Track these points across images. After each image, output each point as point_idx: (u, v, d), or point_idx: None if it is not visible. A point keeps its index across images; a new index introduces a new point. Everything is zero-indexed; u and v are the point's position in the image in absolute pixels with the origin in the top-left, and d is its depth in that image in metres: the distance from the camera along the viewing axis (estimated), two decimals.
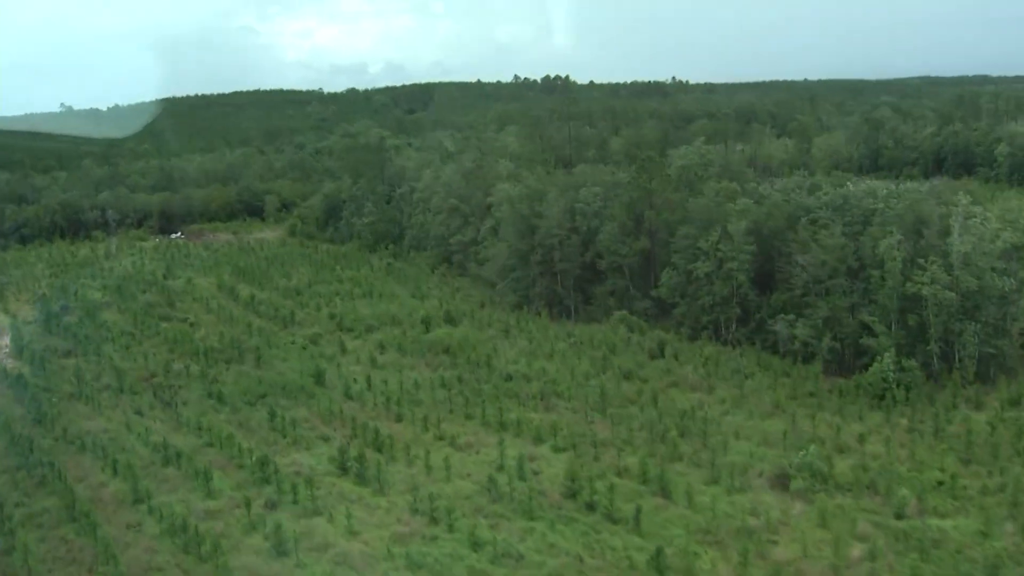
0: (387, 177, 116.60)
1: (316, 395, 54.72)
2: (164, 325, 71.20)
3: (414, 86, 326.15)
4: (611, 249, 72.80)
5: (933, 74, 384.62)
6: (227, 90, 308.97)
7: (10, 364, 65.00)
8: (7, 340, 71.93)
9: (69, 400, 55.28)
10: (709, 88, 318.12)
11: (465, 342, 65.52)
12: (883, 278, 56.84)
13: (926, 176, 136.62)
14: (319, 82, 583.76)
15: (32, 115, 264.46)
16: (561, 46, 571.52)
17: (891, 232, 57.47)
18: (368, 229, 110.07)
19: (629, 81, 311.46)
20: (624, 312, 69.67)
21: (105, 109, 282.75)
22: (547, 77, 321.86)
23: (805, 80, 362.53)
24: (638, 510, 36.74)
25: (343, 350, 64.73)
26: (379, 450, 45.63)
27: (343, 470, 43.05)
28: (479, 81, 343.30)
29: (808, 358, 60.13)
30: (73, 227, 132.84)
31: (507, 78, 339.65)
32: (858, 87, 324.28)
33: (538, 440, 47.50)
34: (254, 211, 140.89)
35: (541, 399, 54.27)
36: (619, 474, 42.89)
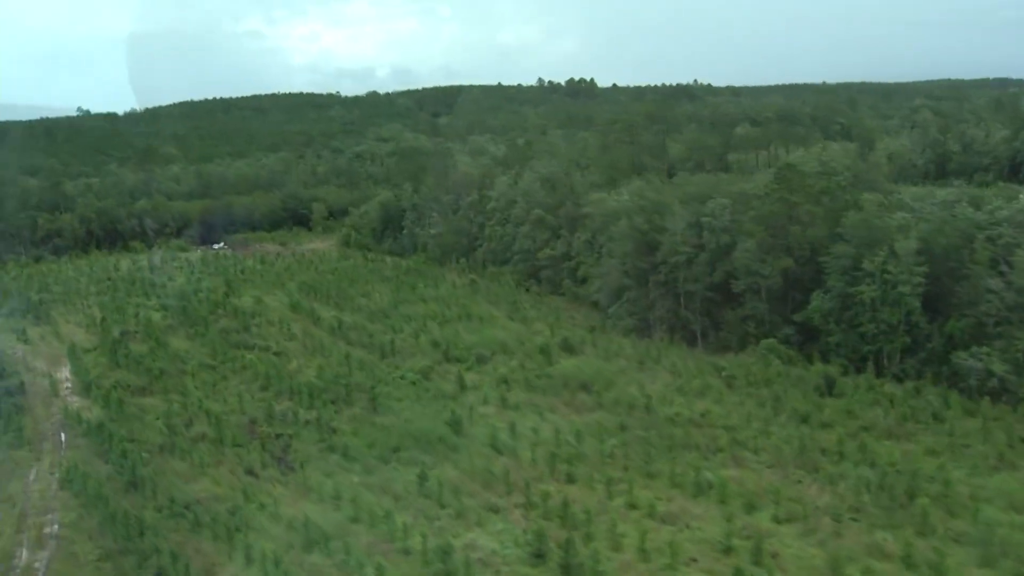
0: (451, 185, 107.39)
1: (457, 447, 45.53)
2: (247, 356, 61.87)
3: (436, 89, 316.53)
4: (749, 269, 63.69)
5: (952, 76, 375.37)
6: (235, 94, 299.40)
7: (76, 403, 55.73)
8: (67, 372, 62.63)
9: (161, 454, 46.02)
10: (734, 91, 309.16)
11: (600, 377, 56.38)
12: None
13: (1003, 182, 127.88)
14: (325, 86, 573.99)
15: (47, 118, 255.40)
16: (568, 49, 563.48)
17: None
18: (435, 241, 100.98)
19: (656, 84, 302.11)
20: (771, 340, 60.50)
21: (122, 113, 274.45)
22: (571, 80, 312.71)
23: (824, 83, 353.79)
24: None
25: (462, 386, 55.49)
26: (567, 524, 36.47)
27: (538, 556, 33.86)
28: (500, 84, 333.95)
29: (1003, 396, 51.29)
30: (109, 237, 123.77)
31: (514, 81, 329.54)
32: (883, 90, 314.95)
33: (750, 507, 38.41)
34: (299, 219, 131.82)
35: (722, 450, 45.29)
36: (874, 556, 33.94)
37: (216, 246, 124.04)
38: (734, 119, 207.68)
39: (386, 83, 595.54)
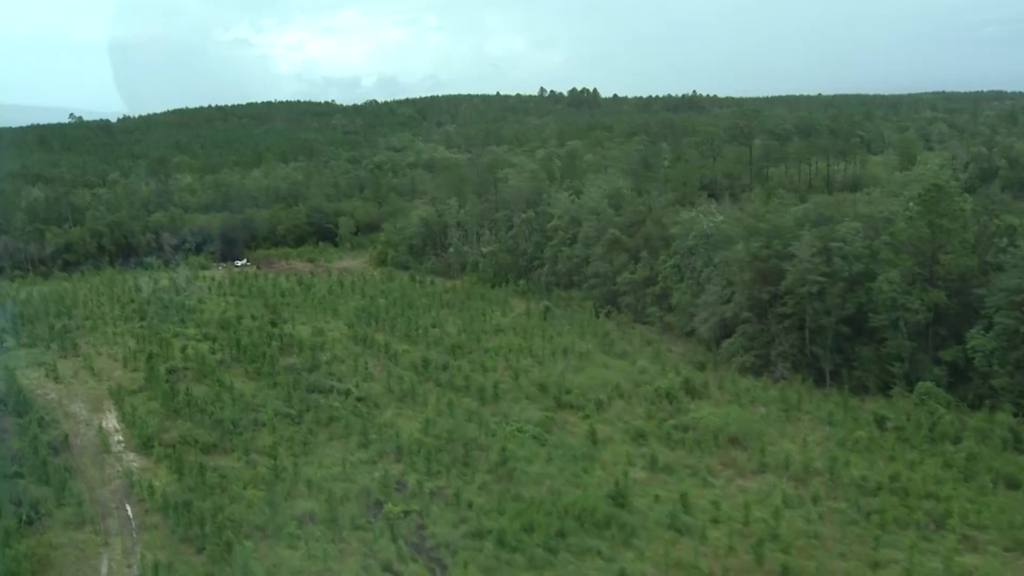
0: (500, 200, 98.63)
1: (630, 529, 36.71)
2: (331, 403, 52.52)
3: (436, 98, 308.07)
4: (893, 302, 55.51)
5: (947, 89, 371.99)
6: (222, 102, 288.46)
7: (135, 463, 46.24)
8: (114, 420, 52.94)
9: (263, 538, 36.74)
10: (737, 102, 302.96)
11: (746, 429, 47.94)
12: None
13: None
14: (312, 94, 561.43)
15: (39, 125, 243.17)
16: (555, 60, 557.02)
17: None
18: (487, 260, 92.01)
19: (660, 95, 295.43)
20: (928, 384, 52.30)
21: (115, 120, 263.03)
22: (573, 90, 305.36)
23: (820, 95, 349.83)
24: None
25: (593, 441, 46.71)
26: None
27: None
28: (499, 94, 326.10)
29: None
30: (122, 252, 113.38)
31: (504, 90, 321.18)
32: (882, 102, 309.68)
33: None
34: (323, 234, 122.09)
35: (942, 528, 37.18)
36: None
37: (239, 263, 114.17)
38: (749, 131, 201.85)
39: (372, 92, 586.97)
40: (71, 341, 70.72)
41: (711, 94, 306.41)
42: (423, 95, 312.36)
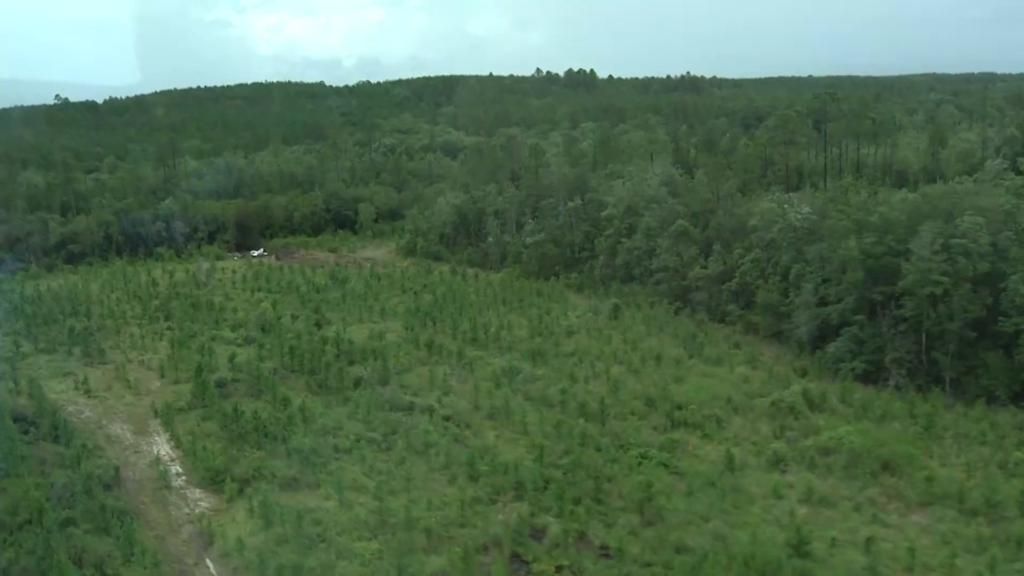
0: (544, 187, 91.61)
1: None
2: (416, 423, 45.63)
3: (432, 78, 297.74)
4: None
5: (936, 71, 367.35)
6: (204, 83, 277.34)
7: (206, 503, 39.29)
8: (166, 445, 45.80)
9: None
10: (734, 84, 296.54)
11: (892, 451, 41.75)
12: None
13: None
14: (292, 75, 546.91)
15: (23, 107, 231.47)
16: (536, 40, 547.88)
17: None
18: (533, 252, 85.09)
19: (660, 76, 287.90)
20: None
21: (101, 102, 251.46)
22: (570, 71, 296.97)
23: (811, 76, 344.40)
24: None
25: (730, 468, 40.40)
26: None
27: None
28: (492, 75, 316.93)
29: None
30: (131, 243, 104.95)
31: (492, 72, 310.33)
32: (875, 83, 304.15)
33: None
34: (341, 222, 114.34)
35: None
36: None
37: (255, 253, 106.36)
38: (760, 113, 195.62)
39: (353, 73, 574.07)
40: (96, 346, 63.09)
41: (702, 75, 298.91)
42: (417, 75, 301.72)
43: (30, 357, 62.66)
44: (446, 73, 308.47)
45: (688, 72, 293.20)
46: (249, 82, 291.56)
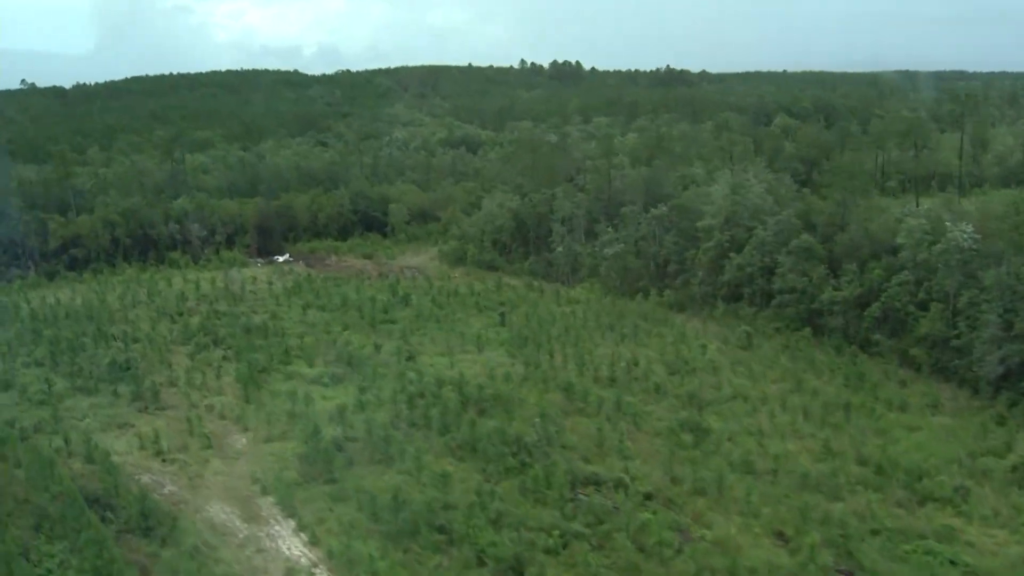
0: (616, 190, 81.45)
1: None
2: (609, 505, 35.17)
3: (413, 68, 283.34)
4: None
5: (909, 68, 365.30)
6: (164, 71, 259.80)
7: None
8: (295, 541, 34.43)
9: None
10: (721, 79, 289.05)
11: None
12: None
13: None
14: (250, 63, 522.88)
15: None
16: (498, 33, 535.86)
17: None
18: (613, 264, 74.93)
19: (647, 69, 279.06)
20: None
21: (69, 87, 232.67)
22: (555, 63, 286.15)
23: (785, 72, 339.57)
24: None
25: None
26: None
27: None
28: (471, 65, 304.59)
29: None
30: (139, 246, 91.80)
31: (442, 62, 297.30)
32: (860, 80, 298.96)
33: None
34: (369, 224, 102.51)
35: None
36: None
37: (281, 259, 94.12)
38: (767, 109, 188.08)
39: (312, 63, 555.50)
40: (149, 386, 50.91)
41: (687, 68, 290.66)
42: (399, 65, 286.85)
43: (67, 399, 50.33)
44: (424, 63, 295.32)
45: (668, 65, 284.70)
46: (224, 69, 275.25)
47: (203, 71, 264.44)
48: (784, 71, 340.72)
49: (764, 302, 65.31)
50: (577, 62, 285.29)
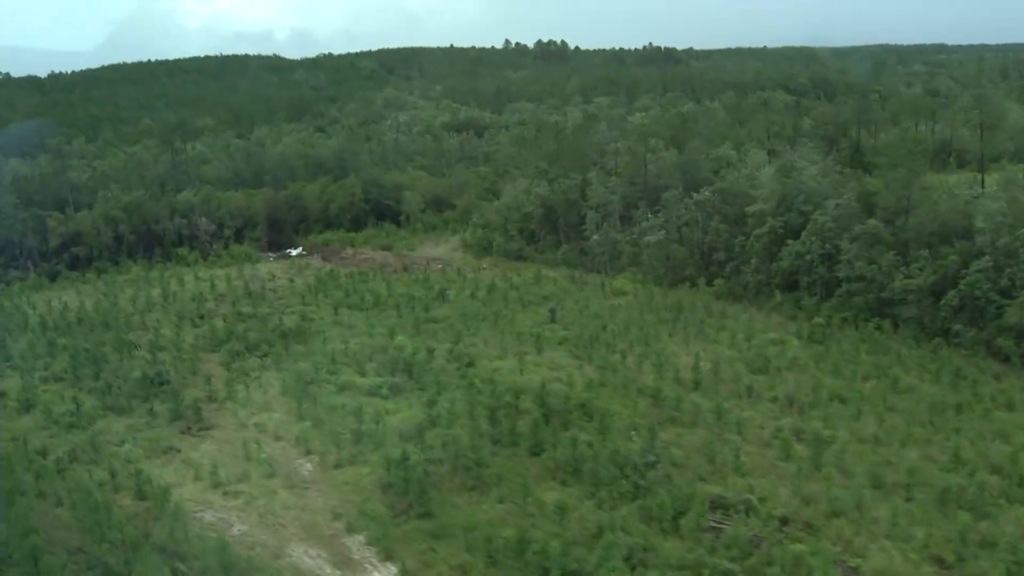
0: (651, 174, 76.97)
1: None
2: (794, 551, 30.76)
3: (395, 50, 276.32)
4: None
5: (889, 43, 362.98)
6: (135, 58, 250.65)
7: None
8: None
9: None
10: (706, 55, 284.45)
11: None
12: None
13: None
14: (223, 48, 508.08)
15: None
16: (470, 15, 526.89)
17: None
18: (655, 253, 70.65)
19: (634, 47, 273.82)
20: None
21: (44, 76, 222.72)
22: (540, 42, 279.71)
23: (765, 48, 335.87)
24: None
25: None
26: None
27: None
28: (452, 46, 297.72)
29: None
30: (143, 242, 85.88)
31: (415, 44, 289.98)
32: (846, 55, 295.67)
33: None
34: (381, 213, 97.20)
35: None
36: None
37: (294, 253, 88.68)
38: (763, 85, 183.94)
39: (286, 47, 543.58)
40: (190, 403, 45.78)
41: (674, 46, 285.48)
42: (378, 48, 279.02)
43: (98, 420, 45.11)
44: (402, 45, 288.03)
45: (650, 43, 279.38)
46: (203, 55, 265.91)
47: (181, 57, 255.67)
48: (765, 47, 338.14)
49: (825, 291, 61.41)
50: (563, 41, 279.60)
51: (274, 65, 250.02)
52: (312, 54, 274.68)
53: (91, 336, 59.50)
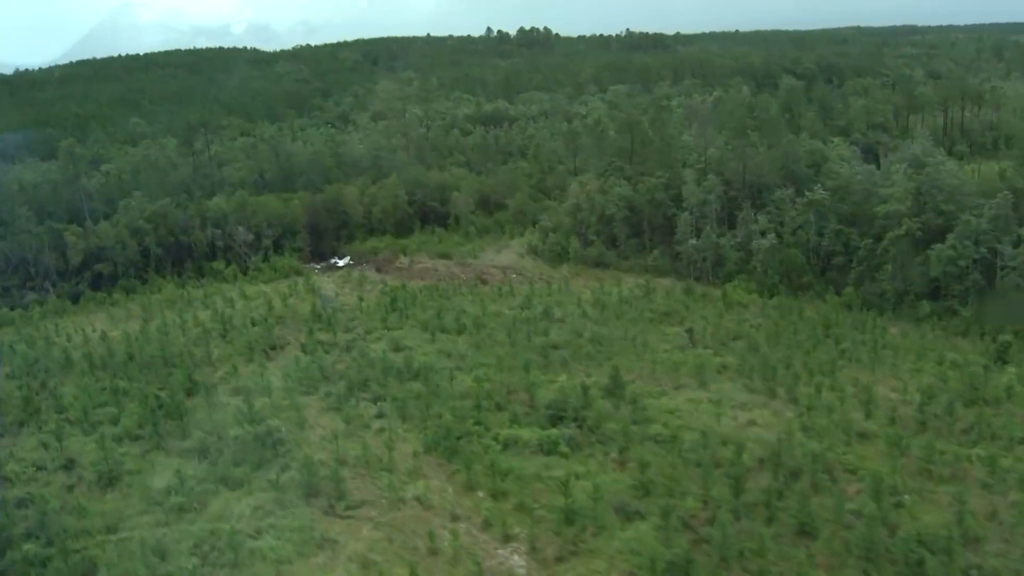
0: (751, 172, 69.19)
1: None
2: None
3: (374, 40, 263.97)
4: None
5: (861, 24, 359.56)
6: (92, 55, 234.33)
7: None
8: None
9: None
10: (694, 39, 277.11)
11: None
12: None
13: None
14: (180, 43, 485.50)
15: None
16: (432, 3, 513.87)
17: None
18: (768, 258, 62.96)
19: (615, 34, 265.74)
20: None
21: (11, 72, 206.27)
22: (522, 29, 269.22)
23: (737, 32, 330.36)
24: None
25: None
26: None
27: None
28: (428, 35, 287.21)
29: None
30: (171, 256, 75.31)
31: (373, 35, 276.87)
32: (819, 37, 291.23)
33: None
34: (425, 215, 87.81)
35: None
36: None
37: (340, 263, 78.98)
38: (770, 71, 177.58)
39: (244, 40, 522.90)
40: (330, 475, 36.37)
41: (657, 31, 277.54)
42: (373, 36, 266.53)
43: (211, 497, 35.59)
44: (384, 35, 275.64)
45: (627, 29, 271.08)
46: (183, 48, 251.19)
47: (153, 51, 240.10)
48: (737, 31, 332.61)
49: (980, 301, 54.38)
50: (546, 28, 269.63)
51: (253, 58, 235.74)
52: (274, 48, 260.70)
53: (152, 376, 49.62)
